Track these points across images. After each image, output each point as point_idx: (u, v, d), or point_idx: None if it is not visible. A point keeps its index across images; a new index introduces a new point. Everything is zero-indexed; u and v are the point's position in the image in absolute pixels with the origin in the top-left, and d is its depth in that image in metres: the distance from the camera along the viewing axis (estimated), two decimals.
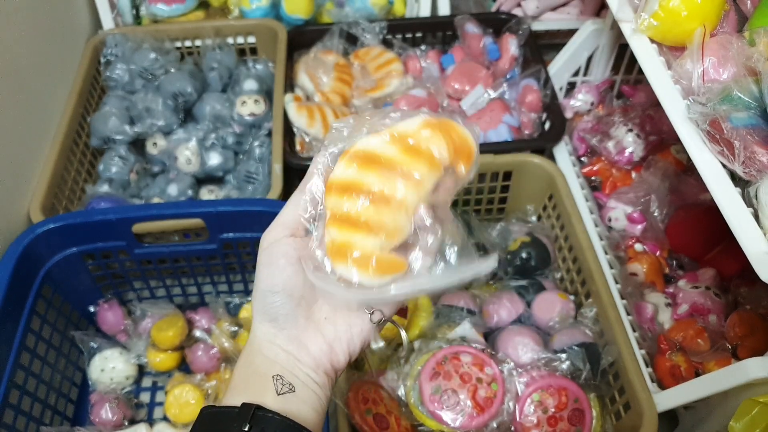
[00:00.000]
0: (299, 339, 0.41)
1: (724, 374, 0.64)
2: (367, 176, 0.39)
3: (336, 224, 0.39)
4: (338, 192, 0.39)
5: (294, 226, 0.41)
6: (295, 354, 0.40)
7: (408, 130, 0.39)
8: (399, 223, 0.39)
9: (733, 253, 0.79)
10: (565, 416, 0.75)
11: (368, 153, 0.39)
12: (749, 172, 0.56)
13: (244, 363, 0.41)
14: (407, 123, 0.40)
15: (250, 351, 0.41)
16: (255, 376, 0.40)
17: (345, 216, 0.39)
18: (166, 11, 1.17)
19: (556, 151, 1.07)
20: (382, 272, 0.39)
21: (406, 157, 0.39)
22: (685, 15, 0.66)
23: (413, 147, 0.39)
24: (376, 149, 0.39)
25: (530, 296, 0.88)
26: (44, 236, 0.80)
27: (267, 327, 0.41)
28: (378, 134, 0.40)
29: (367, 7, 1.19)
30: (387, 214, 0.38)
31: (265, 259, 0.41)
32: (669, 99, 0.66)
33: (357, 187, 0.39)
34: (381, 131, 0.40)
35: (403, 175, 0.39)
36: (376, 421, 0.73)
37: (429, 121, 0.40)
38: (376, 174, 0.39)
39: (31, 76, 0.95)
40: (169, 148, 1.03)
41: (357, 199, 0.38)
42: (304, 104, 1.03)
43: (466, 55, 1.15)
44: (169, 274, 0.93)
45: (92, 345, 0.89)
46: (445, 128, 0.40)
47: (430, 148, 0.39)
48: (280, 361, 0.40)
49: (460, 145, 0.40)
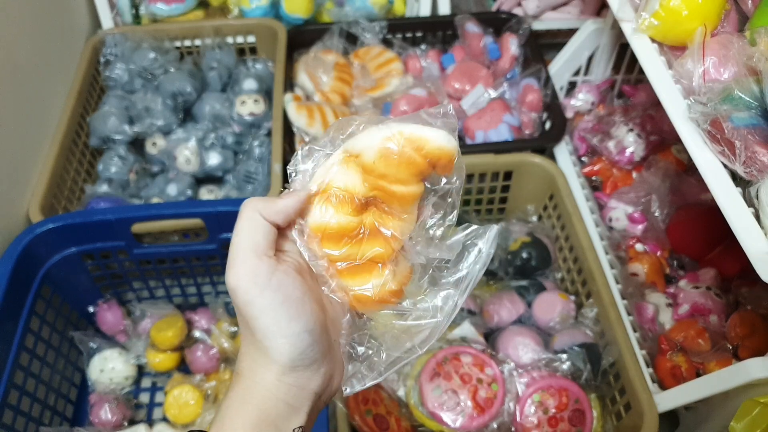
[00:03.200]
0: (319, 372, 0.37)
1: (725, 375, 0.64)
2: (345, 216, 0.38)
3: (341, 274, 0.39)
4: (327, 240, 0.38)
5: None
6: (304, 386, 0.36)
7: (366, 160, 0.37)
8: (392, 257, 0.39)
9: (734, 253, 0.79)
10: (566, 417, 0.75)
11: (339, 190, 0.38)
12: (750, 171, 0.56)
13: (244, 404, 0.35)
14: (367, 144, 0.37)
15: (251, 390, 0.35)
16: (268, 427, 0.35)
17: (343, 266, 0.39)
18: (165, 11, 1.17)
19: (556, 151, 1.07)
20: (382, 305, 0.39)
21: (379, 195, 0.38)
22: (685, 14, 0.66)
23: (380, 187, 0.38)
24: (346, 185, 0.38)
25: (531, 296, 0.88)
26: (43, 236, 0.79)
27: (280, 367, 0.35)
28: (344, 165, 0.38)
29: (367, 6, 1.19)
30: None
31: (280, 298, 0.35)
32: (670, 99, 0.66)
33: (342, 234, 0.38)
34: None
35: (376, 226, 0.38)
36: (376, 421, 0.73)
37: (385, 152, 0.37)
38: (354, 212, 0.38)
39: (30, 75, 0.95)
40: (169, 148, 1.03)
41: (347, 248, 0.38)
42: (304, 104, 1.03)
43: (466, 55, 1.15)
44: (169, 275, 0.93)
45: (91, 345, 0.89)
46: (413, 147, 0.37)
47: (390, 189, 0.37)
48: (291, 401, 0.35)
49: (436, 158, 0.37)
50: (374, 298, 0.39)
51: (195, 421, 0.82)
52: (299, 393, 0.36)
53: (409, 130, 0.37)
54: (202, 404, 0.83)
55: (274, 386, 0.35)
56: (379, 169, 0.37)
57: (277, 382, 0.35)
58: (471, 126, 1.03)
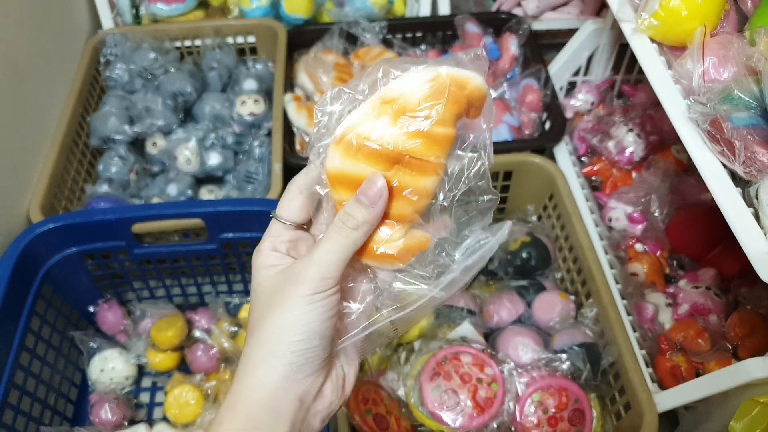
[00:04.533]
0: (323, 385, 0.38)
1: (725, 374, 0.64)
2: (369, 167, 0.36)
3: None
4: (343, 186, 0.37)
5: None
6: (308, 402, 0.37)
7: (411, 101, 0.35)
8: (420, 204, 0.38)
9: (734, 253, 0.79)
10: (566, 416, 0.75)
11: (366, 140, 0.36)
12: (750, 171, 0.56)
13: (245, 418, 0.35)
14: (408, 87, 0.36)
15: (251, 401, 0.36)
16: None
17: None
18: (165, 11, 1.17)
19: (556, 151, 1.07)
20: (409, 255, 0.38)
21: (410, 142, 0.36)
22: (685, 15, 0.66)
23: (417, 131, 0.36)
24: (375, 135, 0.36)
25: (530, 296, 0.88)
26: (44, 236, 0.80)
27: (283, 372, 0.36)
28: (376, 112, 0.36)
29: (367, 6, 1.19)
30: (403, 203, 0.37)
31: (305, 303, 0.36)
32: (669, 99, 0.66)
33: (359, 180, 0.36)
34: (378, 104, 0.36)
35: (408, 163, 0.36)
36: (376, 421, 0.73)
37: (434, 90, 0.35)
38: (379, 164, 0.36)
39: (30, 75, 0.95)
40: (169, 148, 1.03)
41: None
42: (304, 104, 1.03)
43: None
44: (169, 275, 0.93)
45: (92, 345, 0.89)
46: (457, 86, 0.36)
47: (435, 132, 0.36)
48: (293, 417, 0.36)
49: (474, 98, 0.37)
50: (375, 250, 0.38)
51: (195, 421, 0.82)
52: (284, 397, 0.35)
53: (451, 70, 0.36)
54: (202, 404, 0.83)
55: (261, 388, 0.35)
56: (424, 110, 0.35)
57: (265, 383, 0.35)
58: None
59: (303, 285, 0.35)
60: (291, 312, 0.35)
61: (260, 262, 0.38)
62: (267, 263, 0.38)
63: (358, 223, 0.36)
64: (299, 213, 0.40)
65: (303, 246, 0.40)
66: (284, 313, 0.35)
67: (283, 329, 0.35)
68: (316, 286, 0.35)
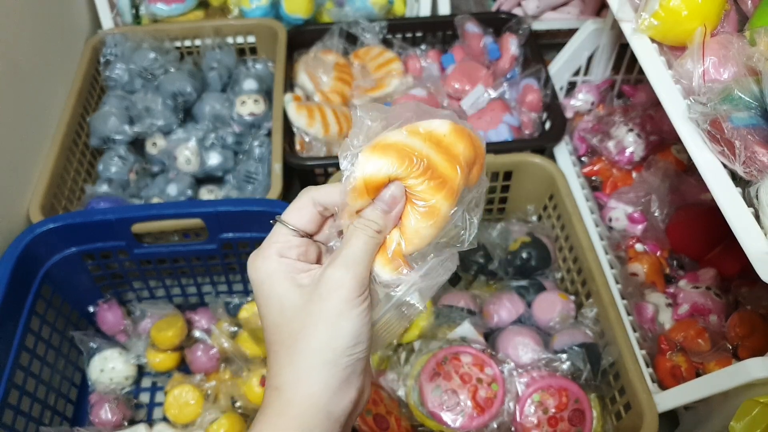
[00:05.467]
0: (361, 394, 0.38)
1: (725, 374, 0.64)
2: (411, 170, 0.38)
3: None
4: (365, 195, 0.39)
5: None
6: (357, 404, 0.38)
7: (437, 132, 0.39)
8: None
9: (734, 253, 0.79)
10: (566, 416, 0.75)
11: (395, 141, 0.38)
12: (750, 171, 0.56)
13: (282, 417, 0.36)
14: (435, 124, 0.39)
15: (306, 408, 0.36)
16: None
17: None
18: (165, 11, 1.17)
19: (556, 151, 1.07)
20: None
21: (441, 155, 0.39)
22: (685, 14, 0.66)
23: (445, 147, 0.39)
24: (404, 140, 0.39)
25: (530, 296, 0.88)
26: (44, 236, 0.80)
27: (342, 378, 0.36)
28: (411, 132, 0.39)
29: (367, 6, 1.19)
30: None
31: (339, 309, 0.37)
32: (669, 99, 0.66)
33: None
34: (410, 129, 0.39)
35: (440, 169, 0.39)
36: (376, 421, 0.73)
37: (456, 126, 0.40)
38: (418, 173, 0.38)
39: (30, 75, 0.95)
40: (169, 148, 1.03)
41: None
42: (304, 104, 1.03)
43: (466, 55, 1.15)
44: (169, 275, 0.93)
45: (92, 345, 0.89)
46: (468, 134, 0.40)
47: (458, 151, 0.39)
48: (345, 420, 0.37)
49: (482, 153, 0.41)
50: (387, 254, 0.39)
51: (195, 421, 0.82)
52: (340, 402, 0.37)
53: (467, 125, 0.41)
54: (202, 404, 0.83)
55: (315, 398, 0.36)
56: (450, 137, 0.39)
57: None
58: None
59: (344, 290, 0.36)
60: (340, 320, 0.36)
61: (271, 269, 0.38)
62: (281, 270, 0.38)
63: (379, 227, 0.38)
64: (309, 223, 0.40)
65: (312, 254, 0.40)
66: (333, 321, 0.36)
67: (336, 337, 0.36)
68: (356, 290, 0.36)
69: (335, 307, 0.36)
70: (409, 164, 0.38)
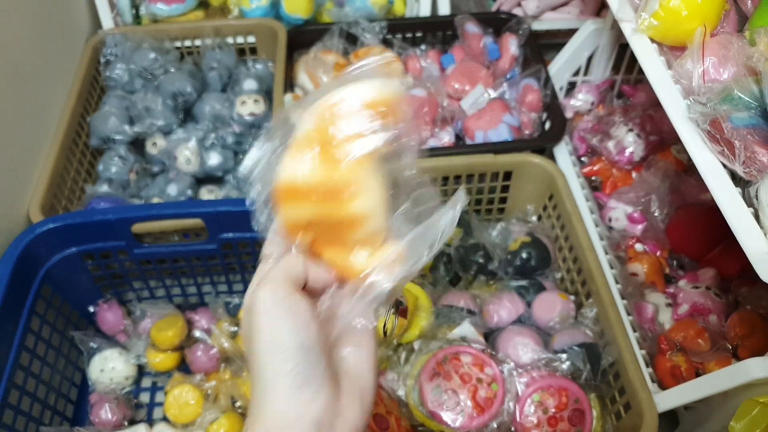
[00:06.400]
0: (338, 401, 0.34)
1: (725, 374, 0.64)
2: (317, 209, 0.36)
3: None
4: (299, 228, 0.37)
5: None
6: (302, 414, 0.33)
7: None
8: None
9: (734, 253, 0.79)
10: (566, 416, 0.75)
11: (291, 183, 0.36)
12: (750, 171, 0.56)
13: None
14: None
15: None
16: None
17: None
18: (165, 11, 1.17)
19: (556, 151, 1.07)
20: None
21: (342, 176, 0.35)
22: (685, 15, 0.66)
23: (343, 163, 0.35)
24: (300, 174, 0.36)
25: (530, 296, 0.88)
26: (44, 236, 0.80)
27: (294, 398, 0.33)
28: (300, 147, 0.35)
29: (367, 6, 1.19)
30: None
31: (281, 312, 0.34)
32: (669, 99, 0.66)
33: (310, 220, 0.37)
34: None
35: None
36: (376, 421, 0.73)
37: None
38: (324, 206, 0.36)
39: (30, 75, 0.95)
40: (169, 148, 1.03)
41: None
42: None
43: (466, 55, 1.15)
44: (169, 275, 0.93)
45: (92, 345, 0.89)
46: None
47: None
48: None
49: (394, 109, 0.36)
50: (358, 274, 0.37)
51: (195, 421, 0.82)
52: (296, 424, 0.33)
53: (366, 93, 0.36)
54: (202, 404, 0.83)
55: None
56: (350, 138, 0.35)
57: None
58: (471, 126, 1.03)
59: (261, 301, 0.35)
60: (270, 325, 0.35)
61: (297, 309, 0.34)
62: (306, 309, 0.34)
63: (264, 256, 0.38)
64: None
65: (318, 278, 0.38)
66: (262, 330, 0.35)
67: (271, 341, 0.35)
68: (281, 290, 0.36)
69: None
70: (311, 201, 0.36)
